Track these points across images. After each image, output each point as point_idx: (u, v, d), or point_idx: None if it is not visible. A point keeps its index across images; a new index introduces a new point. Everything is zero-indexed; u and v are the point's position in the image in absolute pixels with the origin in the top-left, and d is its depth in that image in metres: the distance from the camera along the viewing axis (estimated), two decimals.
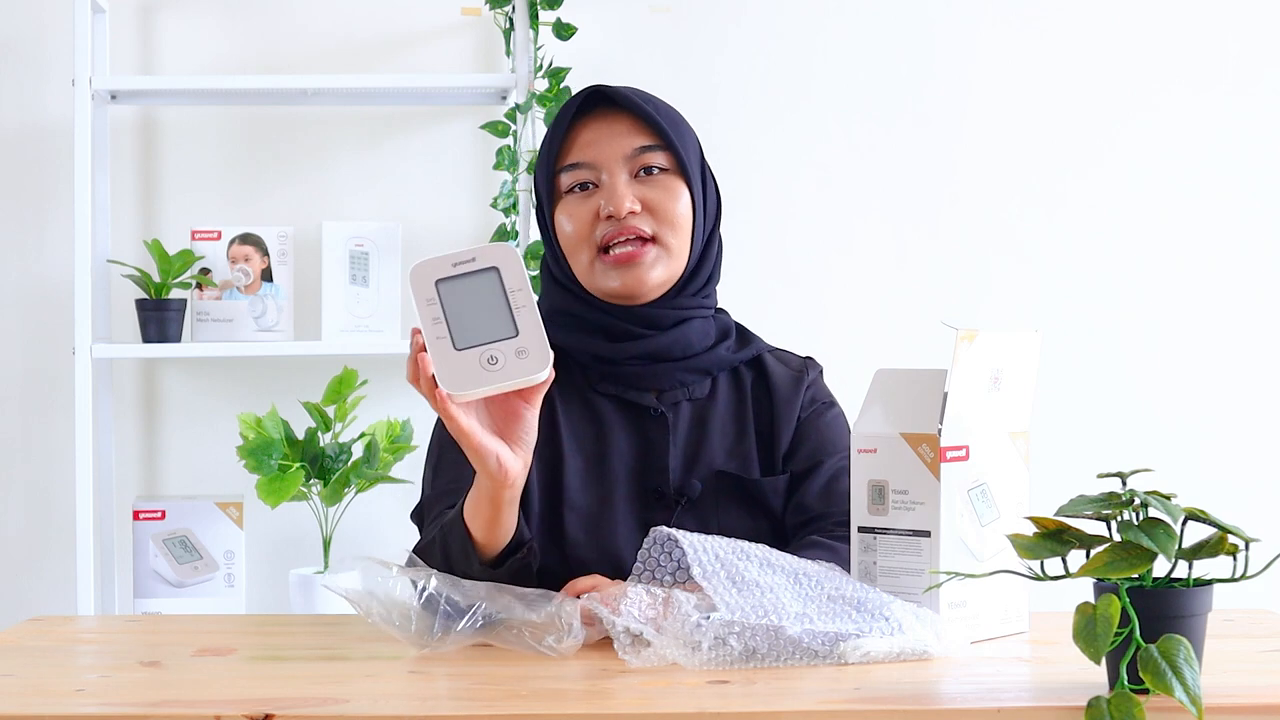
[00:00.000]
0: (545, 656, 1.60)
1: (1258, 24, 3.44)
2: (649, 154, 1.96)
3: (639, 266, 1.95)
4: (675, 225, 1.96)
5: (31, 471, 3.35)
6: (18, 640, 1.77)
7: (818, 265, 3.41)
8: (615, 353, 1.97)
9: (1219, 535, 1.44)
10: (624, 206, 1.93)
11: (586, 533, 1.91)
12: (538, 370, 1.59)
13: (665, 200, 1.96)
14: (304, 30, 3.38)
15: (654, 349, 1.97)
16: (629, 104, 1.97)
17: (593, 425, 1.97)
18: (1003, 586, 1.68)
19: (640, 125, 1.97)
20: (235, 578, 3.13)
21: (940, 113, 3.41)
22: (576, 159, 1.97)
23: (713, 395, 2.00)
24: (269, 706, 1.40)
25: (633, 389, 1.98)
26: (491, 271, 1.63)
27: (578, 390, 1.99)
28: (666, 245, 1.96)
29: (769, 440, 2.00)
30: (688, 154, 1.99)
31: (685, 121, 2.03)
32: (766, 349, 2.07)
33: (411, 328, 1.62)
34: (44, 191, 3.34)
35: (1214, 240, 3.43)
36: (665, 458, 1.96)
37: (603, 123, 1.97)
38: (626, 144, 1.96)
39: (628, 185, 1.95)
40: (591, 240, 1.96)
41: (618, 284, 1.95)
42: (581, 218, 1.96)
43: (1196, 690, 1.34)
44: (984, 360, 1.69)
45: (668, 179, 1.97)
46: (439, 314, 1.60)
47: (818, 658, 1.56)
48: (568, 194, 1.98)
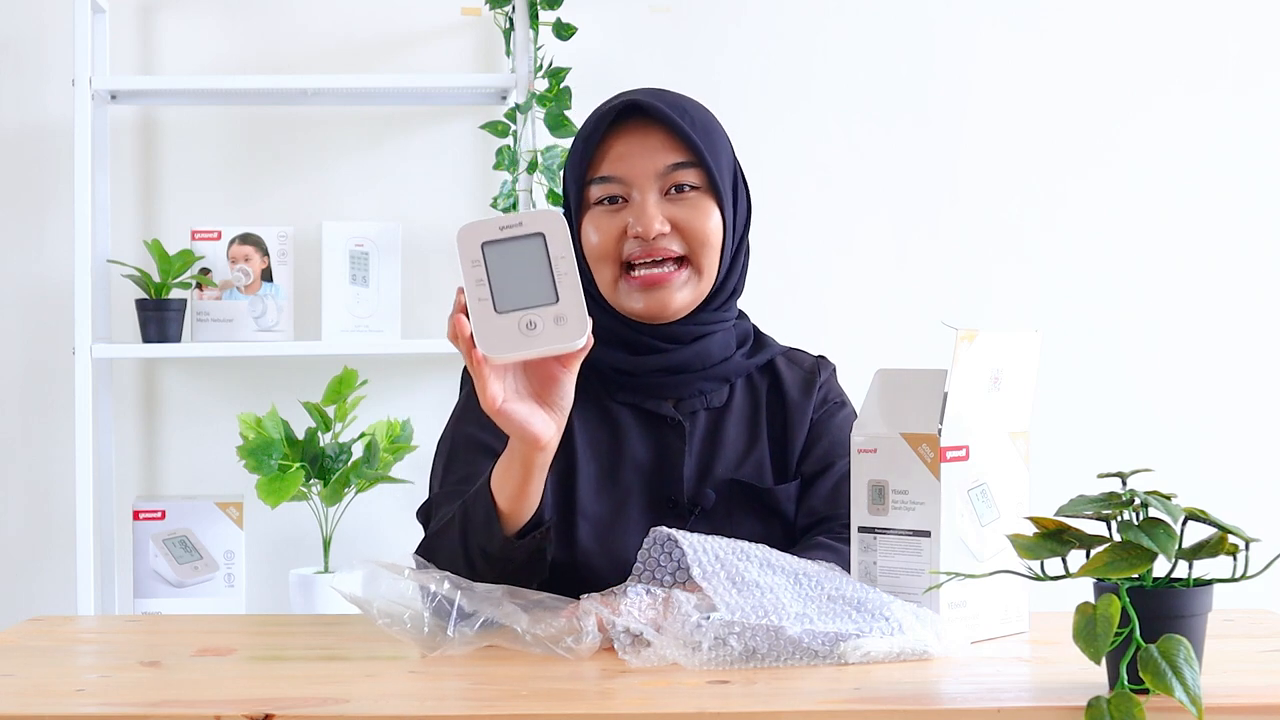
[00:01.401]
0: (546, 657, 1.60)
1: (1258, 24, 3.44)
2: (681, 171, 1.93)
3: (665, 289, 1.92)
4: (705, 245, 1.93)
5: (31, 471, 3.35)
6: (18, 640, 1.77)
7: (818, 265, 3.41)
8: (636, 366, 1.96)
9: (1219, 535, 1.44)
10: (653, 228, 1.90)
11: (599, 541, 1.90)
12: (575, 338, 1.59)
13: (695, 220, 1.92)
14: (304, 30, 3.38)
15: (675, 363, 1.96)
16: (664, 117, 1.93)
17: (609, 433, 1.96)
18: (1003, 586, 1.68)
19: (674, 140, 1.93)
20: (235, 578, 3.13)
21: (940, 113, 3.41)
22: (608, 172, 1.93)
23: (728, 403, 1.99)
24: (269, 706, 1.40)
25: (651, 398, 1.97)
26: (537, 238, 1.62)
27: (595, 398, 1.97)
28: (697, 266, 1.94)
29: (782, 446, 1.99)
30: (720, 169, 1.95)
31: (720, 129, 1.98)
32: (780, 350, 2.05)
33: (457, 287, 1.63)
34: (44, 191, 3.34)
35: (1214, 240, 3.43)
36: (680, 467, 1.94)
37: (636, 135, 1.93)
38: (659, 160, 1.92)
39: (658, 205, 1.92)
40: (617, 256, 1.93)
41: (641, 306, 1.93)
42: (609, 232, 1.93)
43: (1196, 690, 1.34)
44: (984, 360, 1.69)
45: (698, 198, 1.93)
46: (482, 276, 1.61)
47: (818, 658, 1.56)
48: (596, 205, 1.94)
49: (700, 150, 1.92)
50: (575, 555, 1.89)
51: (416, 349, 3.20)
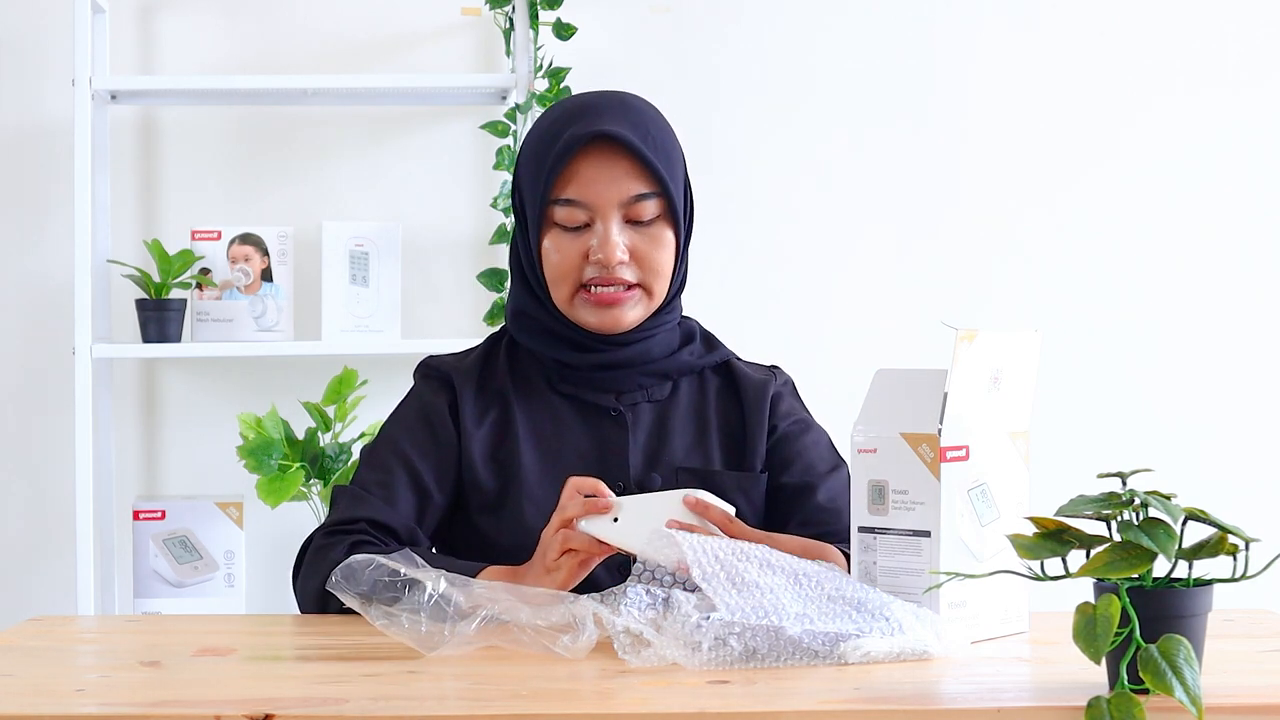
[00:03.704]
0: (545, 657, 1.60)
1: (1258, 25, 3.44)
2: (644, 203, 1.98)
3: (619, 309, 1.99)
4: (660, 274, 2.00)
5: (31, 472, 3.35)
6: (18, 640, 1.77)
7: (818, 265, 3.41)
8: (578, 361, 2.02)
9: (1219, 535, 1.44)
10: (614, 257, 1.96)
11: (545, 524, 1.91)
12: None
13: (653, 251, 1.99)
14: (304, 30, 3.38)
15: (616, 359, 2.02)
16: (631, 146, 1.97)
17: (551, 423, 2.02)
18: (1003, 586, 1.68)
19: (638, 170, 1.97)
20: (235, 578, 3.13)
21: (941, 113, 3.41)
22: (573, 195, 1.97)
23: (674, 397, 2.05)
24: (269, 706, 1.39)
25: (592, 391, 2.02)
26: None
27: (538, 390, 2.03)
28: (650, 291, 2.00)
29: (739, 438, 2.04)
30: (679, 195, 2.00)
31: (677, 148, 2.03)
32: (733, 357, 2.12)
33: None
34: (44, 191, 3.34)
35: (1214, 240, 3.43)
36: (625, 455, 2.00)
37: (602, 161, 1.97)
38: (624, 189, 1.97)
39: (620, 232, 1.97)
40: (577, 279, 1.99)
41: (595, 321, 2.00)
42: (570, 256, 1.98)
43: (1196, 690, 1.34)
44: (984, 360, 1.69)
45: (658, 228, 1.99)
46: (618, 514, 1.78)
47: (818, 658, 1.56)
48: (558, 226, 1.99)
49: (664, 179, 1.98)
50: (523, 538, 1.92)
51: (416, 349, 3.20)
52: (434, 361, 2.08)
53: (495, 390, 2.03)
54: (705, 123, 3.39)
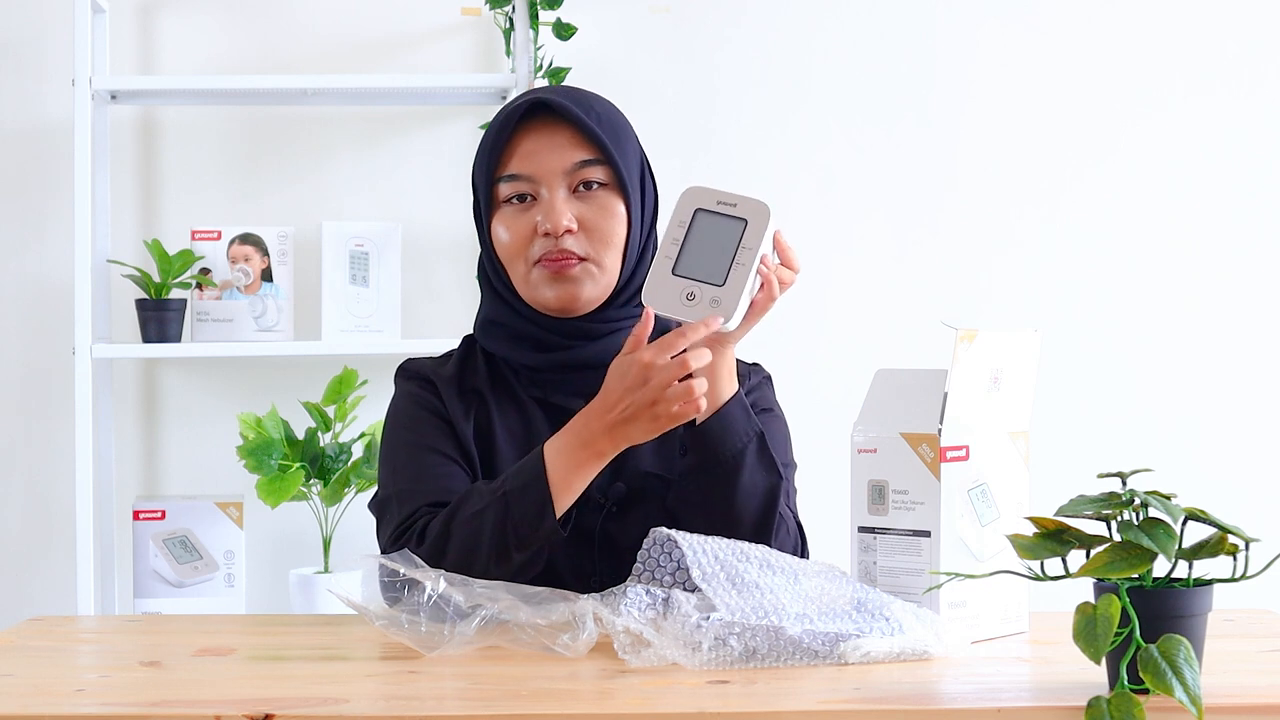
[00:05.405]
0: (545, 657, 1.60)
1: (1258, 26, 3.44)
2: (588, 169, 1.96)
3: (573, 283, 1.95)
4: (609, 245, 1.97)
5: (31, 472, 3.35)
6: (18, 640, 1.77)
7: (818, 265, 3.40)
8: (542, 362, 2.00)
9: (1219, 535, 1.44)
10: (561, 225, 1.93)
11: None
12: (720, 321, 1.75)
13: (601, 219, 1.96)
14: (304, 30, 3.38)
15: (580, 359, 1.99)
16: (570, 115, 1.96)
17: (523, 427, 2.00)
18: (1003, 586, 1.68)
19: (580, 138, 1.96)
20: (235, 578, 3.13)
21: (940, 113, 3.41)
22: (516, 170, 1.96)
23: None
24: (269, 706, 1.40)
25: (559, 393, 2.00)
26: (739, 222, 1.76)
27: (510, 393, 2.01)
28: (600, 264, 1.97)
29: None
30: (628, 166, 1.98)
31: (627, 127, 2.01)
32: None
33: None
34: (44, 191, 3.34)
35: (1214, 240, 3.43)
36: None
37: (543, 133, 1.96)
38: (566, 158, 1.95)
39: (566, 202, 1.95)
40: (528, 255, 1.96)
41: (552, 296, 1.96)
42: (519, 232, 1.96)
43: (1196, 690, 1.34)
44: (984, 360, 1.69)
45: (606, 195, 1.97)
46: (680, 237, 1.77)
47: (818, 658, 1.56)
48: (505, 204, 1.98)
49: (607, 147, 1.96)
50: None
51: (416, 349, 3.20)
52: (413, 364, 2.07)
53: (473, 392, 2.02)
54: (704, 123, 3.39)
